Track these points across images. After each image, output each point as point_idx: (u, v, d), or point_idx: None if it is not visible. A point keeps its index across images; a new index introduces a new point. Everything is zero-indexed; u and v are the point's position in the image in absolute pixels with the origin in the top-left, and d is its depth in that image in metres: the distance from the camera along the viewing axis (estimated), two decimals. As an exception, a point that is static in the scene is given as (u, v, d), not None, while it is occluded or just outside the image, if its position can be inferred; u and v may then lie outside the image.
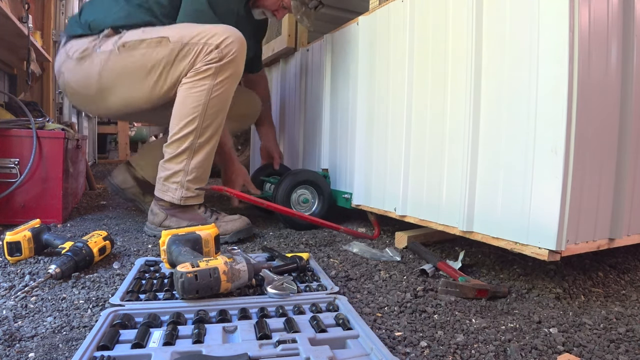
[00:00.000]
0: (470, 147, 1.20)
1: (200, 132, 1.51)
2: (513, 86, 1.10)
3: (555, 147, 0.99)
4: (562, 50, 0.98)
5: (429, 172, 1.38)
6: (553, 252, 1.00)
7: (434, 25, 1.36)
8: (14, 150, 1.66)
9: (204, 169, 1.56)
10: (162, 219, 1.58)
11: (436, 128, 1.35)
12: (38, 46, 2.26)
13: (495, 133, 1.15)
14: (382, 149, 1.61)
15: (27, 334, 0.80)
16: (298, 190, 1.81)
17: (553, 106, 1.00)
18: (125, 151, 5.38)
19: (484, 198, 1.18)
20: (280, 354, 0.70)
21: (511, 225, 1.10)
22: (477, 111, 1.19)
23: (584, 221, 1.07)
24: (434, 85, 1.36)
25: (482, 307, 1.00)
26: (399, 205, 1.49)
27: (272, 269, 1.06)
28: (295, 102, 2.35)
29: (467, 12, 1.21)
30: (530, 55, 1.05)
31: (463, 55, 1.23)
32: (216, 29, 1.50)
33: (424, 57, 1.39)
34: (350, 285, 1.12)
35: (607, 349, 0.82)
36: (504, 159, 1.12)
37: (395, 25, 1.52)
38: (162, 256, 1.10)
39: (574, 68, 0.98)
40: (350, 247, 1.46)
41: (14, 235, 1.20)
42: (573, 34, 0.97)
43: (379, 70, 1.62)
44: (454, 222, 1.27)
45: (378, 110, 1.63)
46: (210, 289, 0.90)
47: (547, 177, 1.01)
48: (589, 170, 1.06)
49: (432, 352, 0.79)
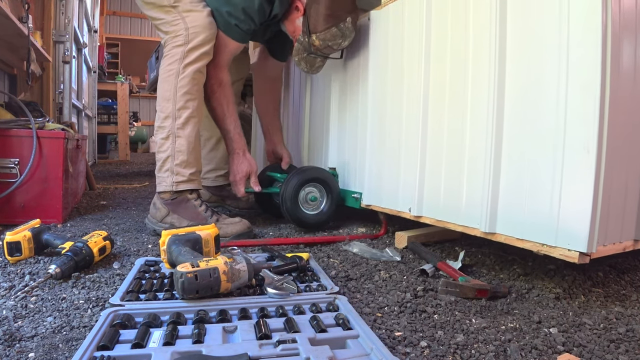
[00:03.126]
0: (494, 145, 1.15)
1: (176, 114, 1.56)
2: (540, 80, 1.05)
3: (587, 145, 0.95)
4: (595, 39, 0.93)
5: (448, 171, 1.33)
6: (583, 254, 0.96)
7: (453, 18, 1.31)
8: (14, 150, 1.66)
9: (190, 152, 1.58)
10: (164, 214, 1.59)
11: (455, 125, 1.30)
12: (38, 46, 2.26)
13: (521, 130, 1.10)
14: (395, 147, 1.55)
15: (27, 334, 0.80)
16: (306, 188, 1.75)
17: (584, 101, 0.95)
18: (125, 151, 5.38)
19: (508, 198, 1.14)
20: (280, 354, 0.70)
21: (538, 226, 1.05)
22: (501, 107, 1.15)
23: (612, 222, 1.04)
24: (452, 81, 1.31)
25: (482, 307, 1.00)
26: (414, 206, 1.43)
27: (272, 269, 1.06)
28: (300, 98, 2.30)
29: (490, 2, 1.16)
30: (560, 46, 1.00)
31: (485, 49, 1.18)
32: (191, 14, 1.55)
33: (442, 51, 1.35)
34: (350, 285, 1.12)
35: (607, 349, 0.82)
36: (530, 158, 1.08)
37: (410, 19, 1.48)
38: (162, 256, 1.10)
39: (606, 59, 0.93)
40: (350, 247, 1.46)
41: (14, 235, 1.20)
42: (606, 22, 0.93)
43: (392, 66, 1.57)
44: (474, 223, 1.21)
45: (391, 107, 1.58)
46: (210, 289, 0.90)
47: (578, 177, 0.97)
48: (618, 169, 1.02)
49: (432, 352, 0.79)
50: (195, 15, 1.55)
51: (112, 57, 8.98)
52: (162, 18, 1.58)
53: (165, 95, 1.57)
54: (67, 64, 2.95)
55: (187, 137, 1.57)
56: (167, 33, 1.58)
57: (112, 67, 8.95)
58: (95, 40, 5.00)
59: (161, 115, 1.59)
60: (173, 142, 1.57)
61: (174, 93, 1.56)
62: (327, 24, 1.58)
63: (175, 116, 1.56)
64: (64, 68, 2.95)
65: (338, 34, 1.60)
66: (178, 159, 1.57)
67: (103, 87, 5.32)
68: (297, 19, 1.66)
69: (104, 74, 5.75)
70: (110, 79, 5.95)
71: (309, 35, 1.62)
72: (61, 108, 2.96)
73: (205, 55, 1.57)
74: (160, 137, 1.59)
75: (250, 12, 1.57)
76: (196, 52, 1.55)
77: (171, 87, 1.56)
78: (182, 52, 1.55)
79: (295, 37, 1.70)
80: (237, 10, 1.57)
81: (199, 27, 1.54)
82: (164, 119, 1.58)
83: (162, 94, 1.58)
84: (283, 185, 1.73)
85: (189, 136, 1.58)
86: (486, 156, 1.18)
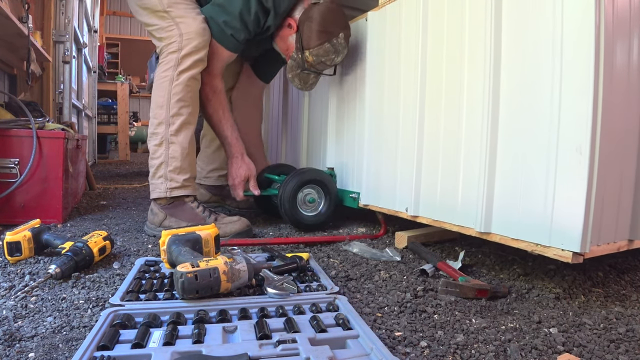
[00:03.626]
0: (489, 146, 1.16)
1: (169, 121, 1.56)
2: (534, 82, 1.06)
3: (580, 146, 0.95)
4: (588, 38, 0.93)
5: (444, 172, 1.34)
6: (577, 254, 0.97)
7: (449, 19, 1.32)
8: (14, 150, 1.66)
9: (184, 158, 1.58)
10: (162, 218, 1.59)
11: (451, 126, 1.31)
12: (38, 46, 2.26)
13: (516, 131, 1.12)
14: (392, 147, 1.56)
15: (27, 334, 0.80)
16: (304, 190, 1.76)
17: (578, 102, 0.96)
18: (125, 151, 5.37)
19: (503, 198, 1.15)
20: (280, 354, 0.70)
21: (532, 226, 1.06)
22: (496, 109, 1.16)
23: (606, 222, 1.04)
24: (448, 82, 1.32)
25: (482, 307, 1.00)
26: (411, 206, 1.45)
27: (272, 269, 1.06)
28: (298, 99, 2.31)
29: (485, 4, 1.17)
30: (554, 48, 1.01)
31: (481, 51, 1.19)
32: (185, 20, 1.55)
33: (438, 53, 1.36)
34: (350, 285, 1.12)
35: (607, 349, 0.82)
36: (524, 159, 1.09)
37: (407, 20, 1.49)
38: (162, 256, 1.10)
39: (599, 61, 0.94)
40: (350, 247, 1.46)
41: (14, 235, 1.20)
42: (599, 24, 0.93)
43: (388, 67, 1.59)
44: (470, 223, 1.23)
45: (388, 107, 1.59)
46: (210, 289, 0.90)
47: (571, 178, 0.98)
48: (611, 170, 1.03)
49: (432, 352, 0.79)
50: (189, 22, 1.55)
51: (112, 57, 8.98)
52: (156, 24, 1.58)
53: (158, 101, 1.57)
54: (67, 64, 2.95)
55: (181, 144, 1.57)
56: (161, 40, 1.58)
57: (112, 67, 8.96)
58: (95, 40, 5.00)
59: (154, 121, 1.59)
60: (167, 148, 1.57)
61: (167, 100, 1.55)
62: (320, 40, 1.60)
63: (168, 123, 1.56)
64: (64, 68, 2.95)
65: (331, 50, 1.62)
66: (172, 165, 1.57)
67: (103, 87, 5.31)
68: (289, 36, 1.69)
69: (104, 74, 5.75)
70: (110, 79, 5.95)
71: (302, 52, 1.65)
72: (61, 108, 2.95)
73: (200, 63, 1.57)
74: (154, 144, 1.59)
75: (246, 20, 1.58)
76: (190, 59, 1.55)
77: (165, 93, 1.56)
78: (176, 59, 1.55)
79: (288, 54, 1.72)
80: (234, 18, 1.57)
81: (193, 34, 1.54)
82: (158, 125, 1.58)
83: (156, 100, 1.58)
84: (281, 187, 1.74)
85: (183, 142, 1.57)
86: (481, 157, 1.19)
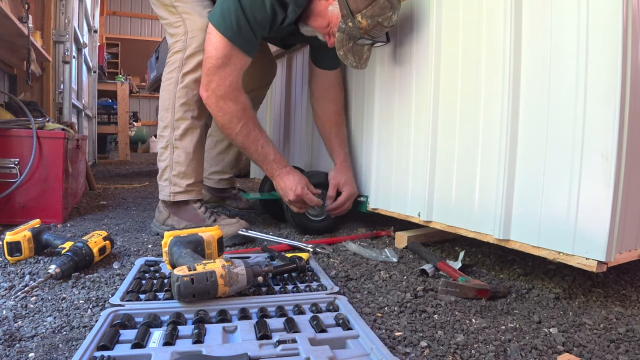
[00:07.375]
0: (508, 150, 1.12)
1: (174, 125, 1.55)
2: (558, 85, 1.02)
3: (606, 152, 0.93)
4: (615, 42, 0.90)
5: (459, 176, 1.30)
6: (601, 263, 0.95)
7: (464, 17, 1.28)
8: (14, 150, 1.66)
9: (188, 163, 1.56)
10: (166, 217, 1.61)
11: (467, 128, 1.27)
12: (38, 46, 2.26)
13: (537, 135, 1.08)
14: (404, 150, 1.51)
15: (27, 334, 0.80)
16: None
17: (604, 108, 0.93)
18: (125, 151, 5.37)
19: (523, 205, 1.11)
20: (280, 354, 0.70)
21: (554, 234, 1.03)
22: (516, 111, 1.12)
23: (629, 229, 1.02)
24: (464, 84, 1.28)
25: (482, 307, 1.00)
26: (424, 210, 1.39)
27: (273, 269, 1.06)
28: (302, 97, 2.26)
29: (505, 4, 1.13)
30: (579, 49, 0.97)
31: (500, 51, 1.15)
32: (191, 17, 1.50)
33: (454, 51, 1.31)
34: (350, 285, 1.12)
35: (607, 349, 0.82)
36: (546, 164, 1.05)
37: (419, 14, 1.44)
38: (164, 257, 1.10)
39: (627, 63, 0.90)
40: (350, 247, 1.46)
41: (14, 235, 1.20)
42: (626, 25, 0.90)
43: (400, 66, 1.53)
44: (487, 230, 1.19)
45: (399, 106, 1.54)
46: (207, 293, 0.88)
47: (596, 184, 0.95)
48: (636, 176, 1.00)
49: (432, 352, 0.79)
50: (194, 19, 1.49)
51: (112, 57, 8.98)
52: (166, 18, 1.56)
53: (164, 104, 1.56)
54: (67, 64, 2.95)
55: (185, 149, 1.55)
56: (171, 36, 1.55)
57: (112, 67, 8.95)
58: (95, 40, 5.00)
59: (161, 124, 1.58)
60: (171, 152, 1.56)
61: (172, 103, 1.53)
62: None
63: (173, 127, 1.55)
64: (64, 68, 2.95)
65: (387, 5, 1.33)
66: (175, 170, 1.56)
67: (103, 87, 5.31)
68: (327, 8, 1.39)
69: (104, 74, 5.76)
70: (110, 79, 5.95)
71: (353, 17, 1.34)
72: (61, 108, 2.95)
73: None
74: (161, 146, 1.58)
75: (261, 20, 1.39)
76: (194, 59, 1.49)
77: (170, 96, 1.54)
78: (180, 60, 1.51)
79: (331, 30, 1.42)
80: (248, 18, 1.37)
81: (197, 32, 1.48)
82: (164, 128, 1.57)
83: (162, 102, 1.57)
84: None
85: (187, 147, 1.56)
86: (500, 161, 1.15)
